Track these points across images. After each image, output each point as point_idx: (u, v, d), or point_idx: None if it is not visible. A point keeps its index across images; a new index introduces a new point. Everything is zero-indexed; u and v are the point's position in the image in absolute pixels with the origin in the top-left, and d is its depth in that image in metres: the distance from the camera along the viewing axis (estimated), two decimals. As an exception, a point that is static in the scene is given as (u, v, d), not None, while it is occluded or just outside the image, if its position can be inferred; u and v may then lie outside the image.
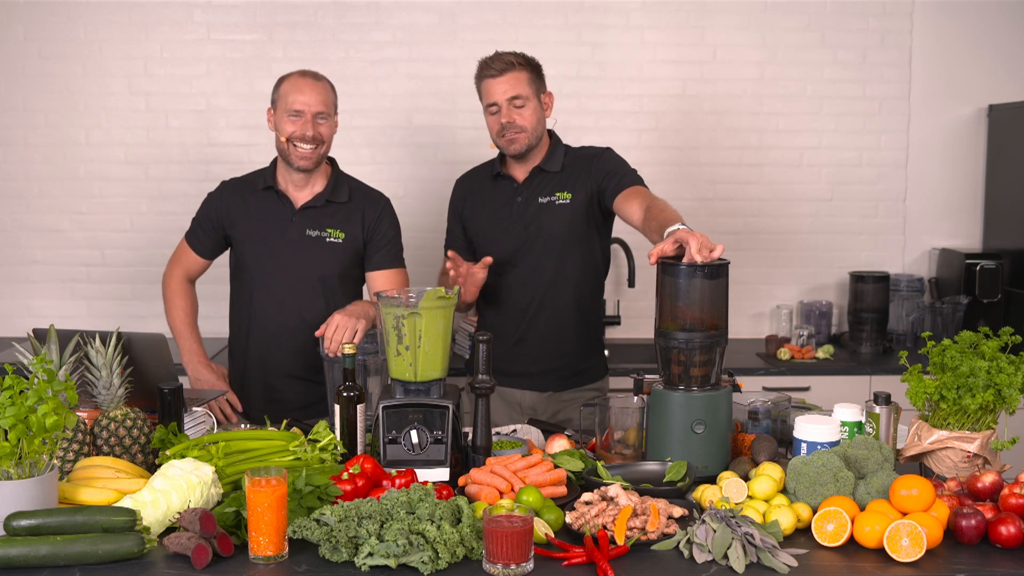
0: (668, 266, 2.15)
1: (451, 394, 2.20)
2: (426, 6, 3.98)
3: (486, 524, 1.68)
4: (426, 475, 2.08)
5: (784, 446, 2.33)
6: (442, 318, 2.15)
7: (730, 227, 4.12)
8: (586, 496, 1.92)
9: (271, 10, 3.96)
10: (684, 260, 2.11)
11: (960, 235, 4.21)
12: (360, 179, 2.92)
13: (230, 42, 3.97)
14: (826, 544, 1.79)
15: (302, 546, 1.78)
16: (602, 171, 2.80)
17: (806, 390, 3.65)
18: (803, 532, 1.87)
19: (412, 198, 3.99)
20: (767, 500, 1.92)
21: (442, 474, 2.09)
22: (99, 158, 4.00)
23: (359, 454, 2.15)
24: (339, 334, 2.48)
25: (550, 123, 2.90)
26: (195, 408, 2.39)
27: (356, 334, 2.48)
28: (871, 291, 3.94)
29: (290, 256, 2.78)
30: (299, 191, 2.82)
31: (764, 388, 3.61)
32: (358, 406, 2.18)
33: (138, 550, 1.72)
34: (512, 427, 2.50)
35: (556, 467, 2.07)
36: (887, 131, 4.14)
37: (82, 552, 1.70)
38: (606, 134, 3.98)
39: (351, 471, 1.95)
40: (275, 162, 2.85)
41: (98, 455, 2.08)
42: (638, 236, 3.04)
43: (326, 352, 2.50)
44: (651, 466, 2.13)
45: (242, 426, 2.52)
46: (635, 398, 2.30)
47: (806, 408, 2.43)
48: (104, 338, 2.13)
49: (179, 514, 1.77)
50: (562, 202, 2.83)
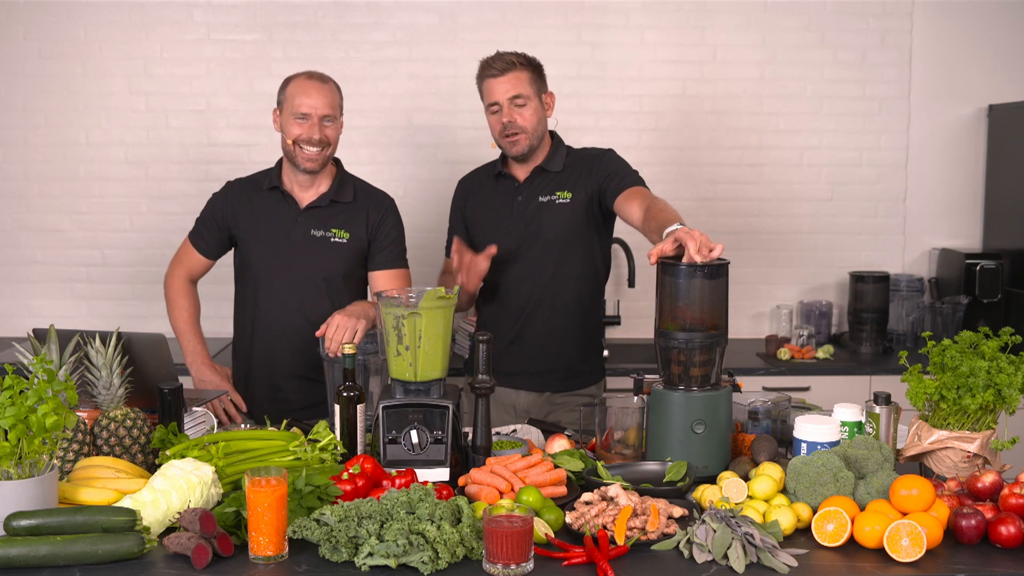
0: (668, 266, 2.15)
1: (451, 394, 2.20)
2: (426, 6, 3.98)
3: (486, 524, 1.68)
4: (426, 475, 2.07)
5: (784, 446, 2.33)
6: (442, 318, 2.15)
7: (730, 227, 4.12)
8: (586, 496, 1.92)
9: (271, 10, 3.96)
10: (683, 260, 2.11)
11: (960, 235, 4.21)
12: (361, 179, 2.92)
13: (230, 42, 3.97)
14: (826, 544, 1.79)
15: (302, 546, 1.78)
16: (603, 172, 2.80)
17: (806, 390, 3.64)
18: (803, 532, 1.87)
19: (412, 198, 3.99)
20: (767, 500, 1.92)
21: (442, 474, 2.09)
22: (99, 158, 4.00)
23: (359, 454, 2.15)
24: (339, 334, 2.47)
25: (551, 123, 2.90)
26: (195, 408, 2.39)
27: (356, 334, 2.48)
28: (871, 291, 3.94)
29: (295, 256, 2.78)
30: (304, 191, 2.82)
31: (764, 388, 3.60)
32: (358, 406, 2.18)
33: (138, 550, 1.73)
34: (512, 427, 2.50)
35: (556, 467, 2.07)
36: (887, 131, 4.14)
37: (82, 552, 1.70)
38: (606, 134, 3.98)
39: (351, 471, 1.95)
40: (280, 162, 2.85)
41: (98, 455, 2.08)
42: (638, 236, 3.04)
43: (326, 352, 2.50)
44: (651, 466, 2.13)
45: (243, 426, 2.52)
46: (635, 398, 2.30)
47: (806, 408, 2.43)
48: (104, 338, 2.13)
49: (179, 514, 1.77)
50: (562, 202, 2.83)
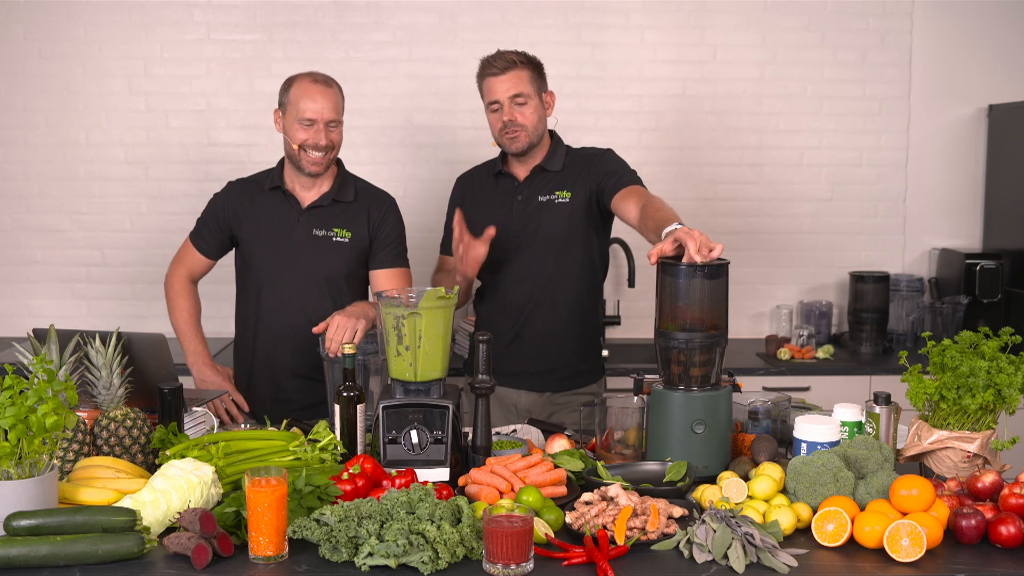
0: (668, 266, 2.15)
1: (451, 394, 2.20)
2: (426, 6, 3.98)
3: (486, 524, 1.68)
4: (426, 475, 2.07)
5: (784, 446, 2.33)
6: (442, 318, 2.15)
7: (730, 227, 4.12)
8: (586, 496, 1.92)
9: (271, 10, 3.96)
10: (683, 260, 2.11)
11: (960, 235, 4.21)
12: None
13: (230, 42, 3.97)
14: (826, 544, 1.79)
15: (302, 546, 1.78)
16: (601, 171, 2.81)
17: (806, 390, 3.64)
18: (803, 532, 1.87)
19: (412, 198, 3.99)
20: (767, 500, 1.92)
21: (442, 474, 2.09)
22: (99, 158, 4.00)
23: (359, 454, 2.15)
24: (339, 334, 2.47)
25: (551, 123, 2.90)
26: (195, 408, 2.39)
27: (356, 334, 2.48)
28: (871, 291, 3.94)
29: (297, 256, 2.78)
30: (306, 191, 2.82)
31: (764, 388, 3.60)
32: (358, 406, 2.18)
33: (138, 550, 1.73)
34: (512, 427, 2.50)
35: (556, 467, 2.07)
36: (887, 131, 4.14)
37: (82, 552, 1.70)
38: (606, 134, 3.98)
39: (351, 471, 1.95)
40: (282, 162, 2.85)
41: (98, 455, 2.08)
42: (638, 236, 3.04)
43: (326, 352, 2.50)
44: (651, 466, 2.13)
45: (243, 426, 2.52)
46: (635, 398, 2.30)
47: (806, 408, 2.43)
48: (104, 338, 2.13)
49: (179, 514, 1.77)
50: (561, 201, 2.83)
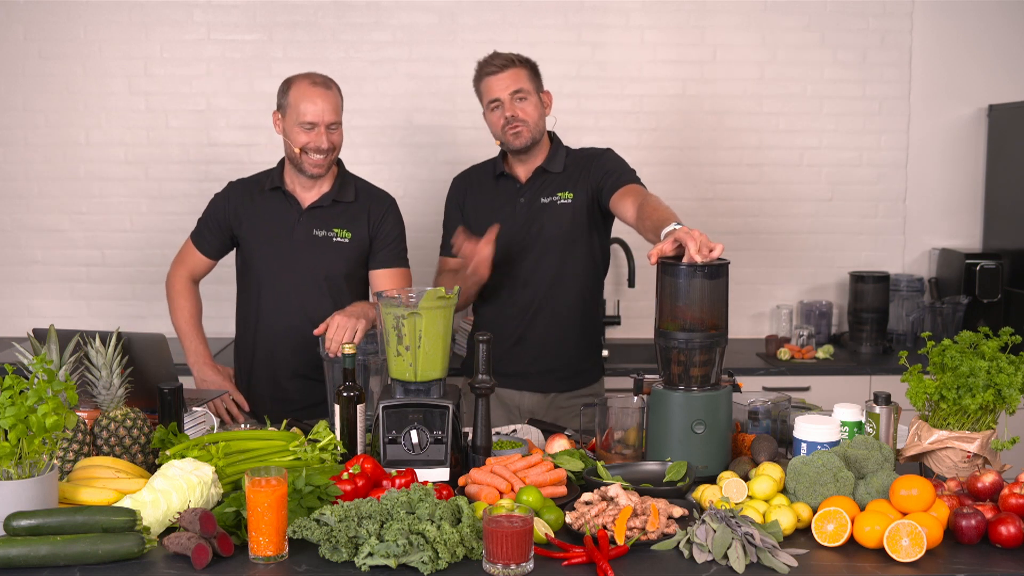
0: (668, 266, 2.15)
1: (451, 394, 2.20)
2: (426, 6, 3.98)
3: (486, 524, 1.68)
4: (426, 475, 2.07)
5: (784, 446, 2.33)
6: (442, 318, 2.15)
7: (730, 227, 4.12)
8: (586, 496, 1.92)
9: (271, 10, 3.96)
10: (684, 260, 2.10)
11: (960, 235, 4.21)
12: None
13: (230, 42, 3.97)
14: (826, 544, 1.79)
15: (302, 546, 1.78)
16: (601, 170, 2.81)
17: (806, 390, 3.64)
18: (803, 532, 1.87)
19: (412, 198, 3.99)
20: (767, 500, 1.92)
21: (442, 474, 2.09)
22: (99, 158, 4.00)
23: (359, 454, 2.15)
24: (339, 334, 2.47)
25: (549, 123, 2.90)
26: (195, 408, 2.39)
27: (356, 334, 2.48)
28: (871, 291, 3.94)
29: (297, 256, 2.78)
30: (306, 191, 2.82)
31: (764, 388, 3.60)
32: (358, 406, 2.18)
33: (138, 550, 1.72)
34: (512, 427, 2.50)
35: (556, 467, 2.07)
36: (887, 131, 4.14)
37: (82, 552, 1.70)
38: (606, 134, 3.98)
39: (351, 471, 1.95)
40: (282, 162, 2.85)
41: (98, 455, 2.08)
42: (638, 236, 3.03)
43: (326, 352, 2.50)
44: (651, 466, 2.13)
45: (243, 426, 2.52)
46: (635, 398, 2.30)
47: (806, 408, 2.43)
48: (104, 338, 2.13)
49: (179, 514, 1.77)
50: (563, 202, 2.83)
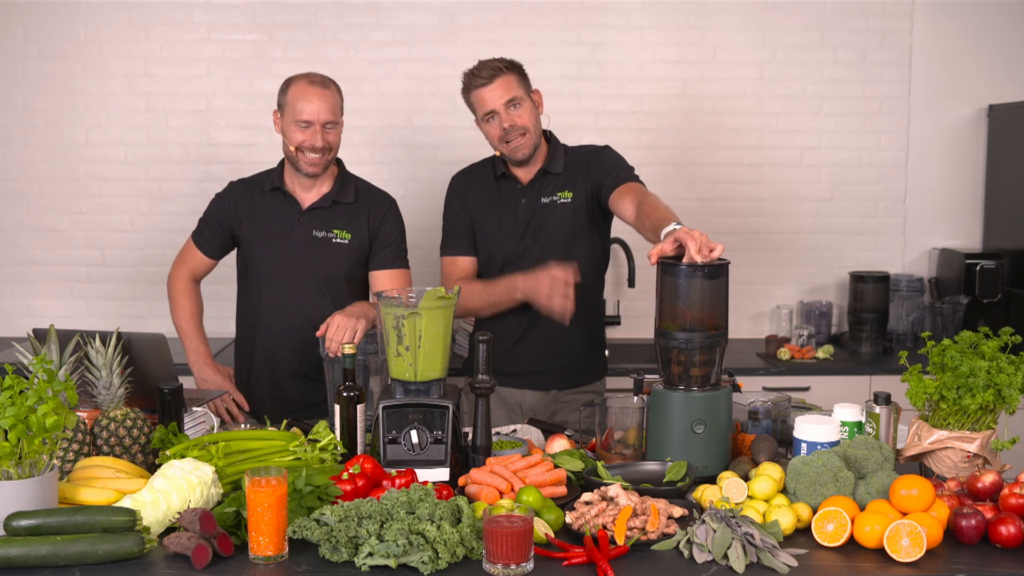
0: (668, 266, 2.15)
1: (451, 394, 2.20)
2: (426, 6, 3.98)
3: (486, 524, 1.68)
4: (426, 475, 2.07)
5: (784, 446, 2.33)
6: (442, 318, 2.15)
7: (730, 227, 4.11)
8: (586, 496, 1.92)
9: (271, 10, 3.96)
10: (684, 260, 2.10)
11: (960, 235, 4.21)
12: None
13: (230, 42, 3.97)
14: (826, 544, 1.79)
15: (302, 546, 1.79)
16: (599, 168, 2.81)
17: (806, 390, 3.64)
18: (803, 532, 1.87)
19: (412, 198, 3.99)
20: (767, 500, 1.92)
21: (442, 474, 2.09)
22: (99, 158, 4.00)
23: (359, 454, 2.15)
24: (339, 334, 2.47)
25: (544, 121, 2.89)
26: (195, 408, 2.39)
27: (356, 334, 2.48)
28: (871, 291, 3.94)
29: (297, 257, 2.79)
30: (306, 192, 2.82)
31: (764, 388, 3.60)
32: (358, 406, 2.18)
33: (138, 550, 1.73)
34: (512, 427, 2.50)
35: (556, 467, 2.07)
36: (887, 131, 4.14)
37: (82, 552, 1.70)
38: (606, 134, 3.98)
39: (351, 471, 1.95)
40: (283, 163, 2.85)
41: (98, 455, 2.08)
42: (638, 236, 3.03)
43: (326, 352, 2.50)
44: (651, 466, 2.13)
45: (243, 426, 2.52)
46: (635, 398, 2.30)
47: (806, 408, 2.43)
48: (104, 338, 2.13)
49: (179, 514, 1.77)
50: (564, 201, 2.83)
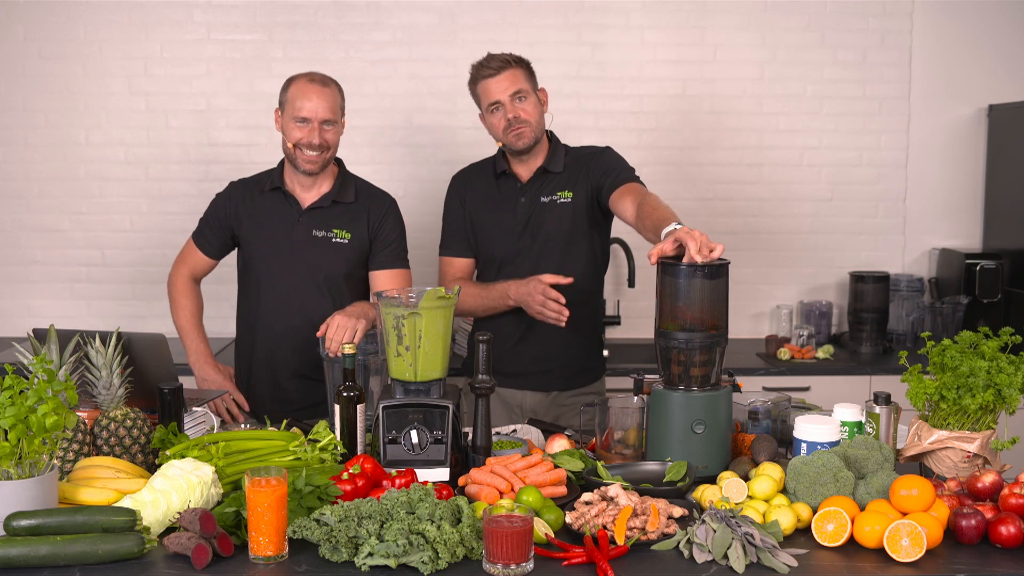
0: (668, 266, 2.15)
1: (451, 394, 2.20)
2: (426, 6, 3.98)
3: (486, 524, 1.68)
4: (426, 475, 2.07)
5: (784, 446, 2.33)
6: (442, 318, 2.15)
7: (730, 227, 4.11)
8: (586, 496, 1.92)
9: (271, 10, 3.96)
10: (684, 260, 2.10)
11: (960, 235, 4.21)
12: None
13: (230, 42, 3.97)
14: (826, 544, 1.79)
15: (302, 546, 1.79)
16: (600, 169, 2.81)
17: (806, 390, 3.64)
18: (803, 532, 1.87)
19: (412, 198, 3.99)
20: (767, 500, 1.92)
21: (442, 474, 2.09)
22: (99, 158, 4.00)
23: (359, 454, 2.15)
24: (339, 334, 2.47)
25: (547, 121, 2.90)
26: (195, 408, 2.39)
27: (356, 334, 2.48)
28: (871, 291, 3.94)
29: (296, 256, 2.79)
30: (306, 192, 2.82)
31: (764, 388, 3.60)
32: (358, 406, 2.18)
33: (138, 550, 1.73)
34: (512, 427, 2.50)
35: (556, 467, 2.07)
36: (887, 131, 4.14)
37: (82, 552, 1.70)
38: (606, 134, 3.98)
39: (351, 471, 1.95)
40: (283, 163, 2.85)
41: (98, 455, 2.08)
42: (638, 236, 3.04)
43: (326, 352, 2.50)
44: (651, 466, 2.13)
45: (243, 426, 2.52)
46: (635, 398, 2.30)
47: (806, 408, 2.43)
48: (104, 338, 2.13)
49: (179, 514, 1.77)
50: (563, 201, 2.83)
